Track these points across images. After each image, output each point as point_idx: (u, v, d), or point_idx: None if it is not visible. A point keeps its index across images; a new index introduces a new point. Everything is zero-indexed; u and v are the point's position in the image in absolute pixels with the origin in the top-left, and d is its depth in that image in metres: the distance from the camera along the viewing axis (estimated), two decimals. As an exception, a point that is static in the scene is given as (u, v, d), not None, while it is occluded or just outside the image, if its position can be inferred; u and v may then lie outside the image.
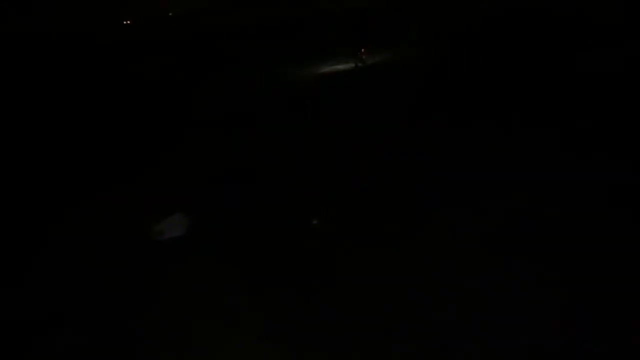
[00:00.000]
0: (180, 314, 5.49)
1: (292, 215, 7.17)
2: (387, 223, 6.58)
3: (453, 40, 18.05)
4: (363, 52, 17.98)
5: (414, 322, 4.66)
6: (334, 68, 17.86)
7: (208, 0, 45.10)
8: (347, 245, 6.21)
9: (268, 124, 12.31)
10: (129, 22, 44.11)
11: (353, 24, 18.62)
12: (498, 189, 6.86)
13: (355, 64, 17.66)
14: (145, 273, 6.45)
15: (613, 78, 10.45)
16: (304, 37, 24.46)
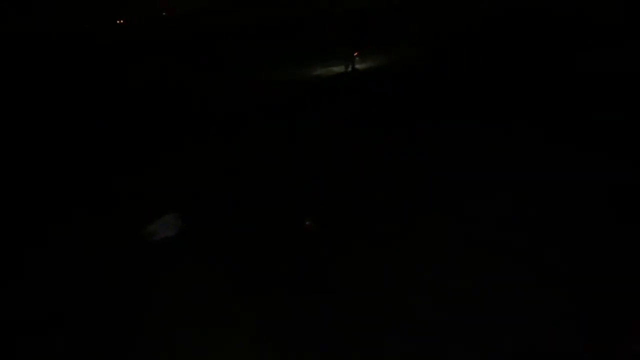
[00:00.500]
0: (175, 314, 5.46)
1: (285, 216, 7.09)
2: (379, 224, 6.56)
3: (453, 41, 18.06)
4: (357, 55, 17.79)
5: (408, 321, 4.69)
6: (330, 70, 17.77)
7: (204, 1, 44.86)
8: (339, 246, 6.17)
9: (263, 125, 12.14)
10: (122, 21, 43.61)
11: (352, 25, 18.40)
12: (492, 190, 6.82)
13: (347, 67, 17.24)
14: (139, 273, 6.40)
15: (612, 78, 10.43)
16: (301, 38, 24.38)
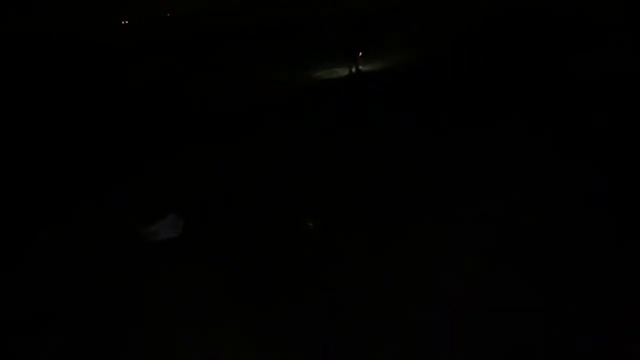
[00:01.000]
0: (174, 316, 5.41)
1: (287, 217, 7.11)
2: (379, 225, 6.57)
3: (453, 41, 17.97)
4: (361, 54, 17.53)
5: (407, 324, 4.67)
6: (333, 70, 17.68)
7: (207, 1, 45.16)
8: (339, 247, 6.20)
9: (264, 126, 12.22)
10: (126, 22, 44.10)
11: (353, 25, 18.31)
12: (489, 193, 6.83)
13: (350, 67, 17.06)
14: (139, 274, 6.36)
15: (612, 80, 10.37)
16: (303, 38, 24.40)
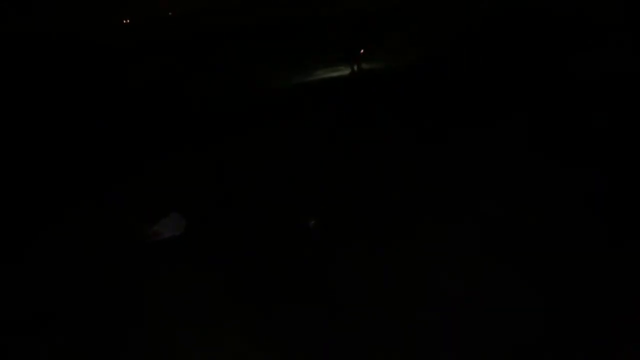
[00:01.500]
0: (175, 316, 5.38)
1: (288, 217, 7.10)
2: (379, 224, 6.57)
3: (453, 41, 17.96)
4: (363, 53, 17.48)
5: (407, 324, 4.67)
6: (334, 69, 17.66)
7: (206, 1, 45.01)
8: (339, 247, 6.19)
9: (265, 126, 12.20)
10: (128, 21, 43.98)
11: (353, 25, 18.27)
12: (489, 193, 6.85)
13: (352, 66, 17.04)
14: (140, 274, 6.33)
15: (612, 80, 10.38)
16: (301, 38, 24.36)
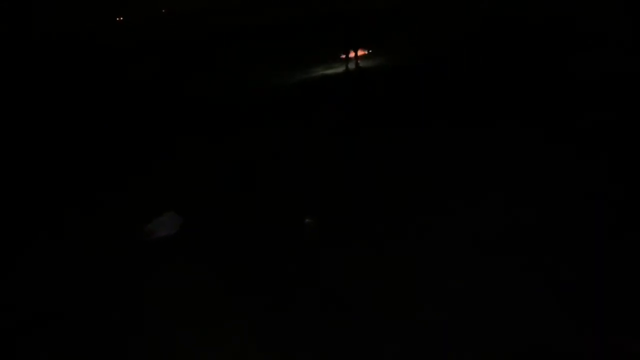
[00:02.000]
0: (171, 315, 5.33)
1: (286, 215, 7.07)
2: (378, 223, 6.56)
3: (453, 41, 18.00)
4: (361, 54, 17.30)
5: (404, 322, 4.66)
6: (332, 71, 17.63)
7: (206, 1, 45.00)
8: (337, 245, 6.20)
9: (263, 125, 12.17)
10: (121, 18, 43.80)
11: (352, 25, 18.21)
12: (489, 192, 6.80)
13: (351, 69, 16.76)
14: (135, 273, 6.29)
15: (612, 79, 10.26)
16: (301, 38, 24.37)
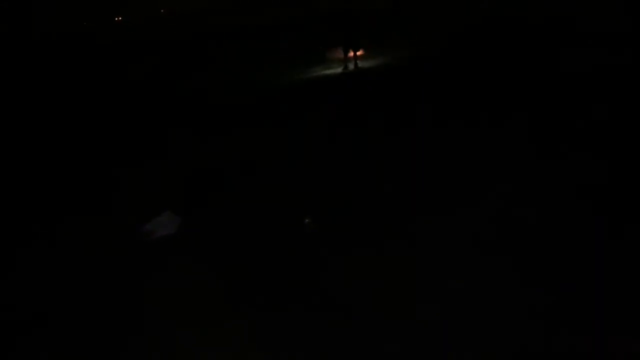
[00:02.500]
0: (171, 315, 5.27)
1: (286, 215, 7.00)
2: (378, 223, 6.48)
3: (453, 41, 18.04)
4: (360, 53, 17.34)
5: (404, 322, 4.60)
6: (331, 71, 17.62)
7: (206, 1, 45.05)
8: (336, 245, 6.13)
9: (263, 126, 12.12)
10: (120, 18, 43.85)
11: (351, 25, 18.21)
12: (489, 191, 6.76)
13: (351, 69, 16.84)
14: (134, 273, 6.20)
15: (608, 73, 10.27)
16: (301, 38, 24.40)
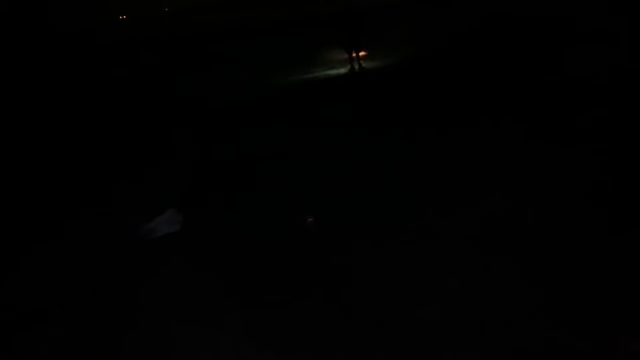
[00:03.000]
0: (172, 314, 5.28)
1: (287, 213, 7.02)
2: (378, 223, 6.44)
3: (452, 41, 17.98)
4: (361, 54, 17.34)
5: (404, 322, 4.58)
6: (332, 70, 17.60)
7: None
8: (337, 245, 6.11)
9: (262, 126, 12.15)
10: (124, 17, 43.90)
11: (352, 25, 18.16)
12: (490, 191, 6.70)
13: (351, 68, 16.80)
14: (136, 271, 6.20)
15: (610, 74, 10.24)
16: (301, 38, 24.36)
